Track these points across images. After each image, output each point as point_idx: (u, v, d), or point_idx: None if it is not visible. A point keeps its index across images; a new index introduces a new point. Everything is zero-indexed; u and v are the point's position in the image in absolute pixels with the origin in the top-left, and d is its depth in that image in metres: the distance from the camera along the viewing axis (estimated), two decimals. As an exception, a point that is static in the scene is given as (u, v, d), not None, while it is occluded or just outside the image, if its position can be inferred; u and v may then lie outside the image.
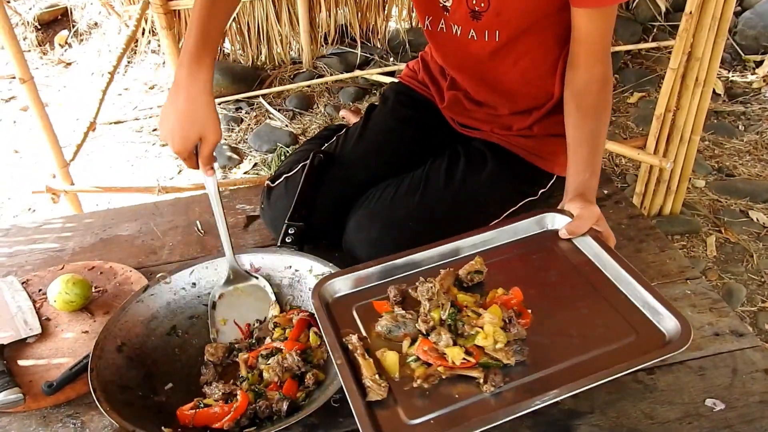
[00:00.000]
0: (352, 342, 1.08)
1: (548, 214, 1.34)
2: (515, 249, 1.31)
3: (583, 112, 1.37)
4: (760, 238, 2.58)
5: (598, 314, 1.13)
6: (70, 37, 4.38)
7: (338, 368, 1.03)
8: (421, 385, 1.03)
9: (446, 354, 1.05)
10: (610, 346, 1.07)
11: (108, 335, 1.22)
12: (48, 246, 1.64)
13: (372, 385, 1.01)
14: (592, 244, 1.26)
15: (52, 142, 2.30)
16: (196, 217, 1.71)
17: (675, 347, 1.04)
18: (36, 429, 1.17)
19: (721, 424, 1.09)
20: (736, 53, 3.99)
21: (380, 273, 1.25)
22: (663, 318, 1.10)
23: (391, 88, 1.75)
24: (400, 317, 1.12)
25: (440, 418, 0.99)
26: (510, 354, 1.04)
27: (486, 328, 1.06)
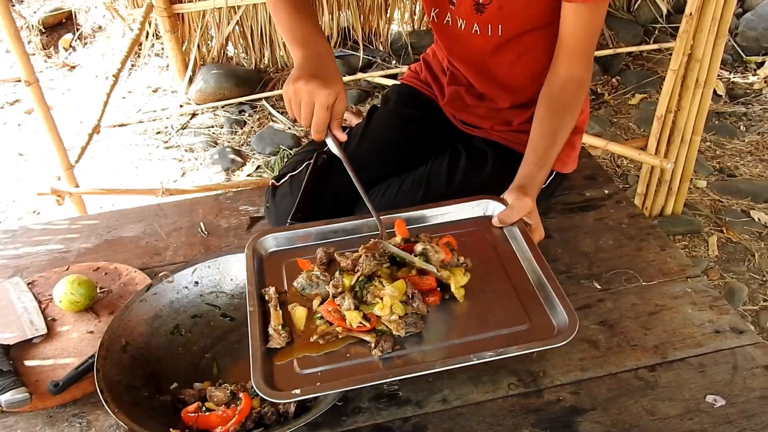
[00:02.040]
0: (268, 293, 1.18)
1: (488, 201, 1.39)
2: (449, 229, 1.35)
3: (554, 110, 1.40)
4: (762, 237, 2.59)
5: (501, 300, 1.19)
6: (74, 41, 4.41)
7: (249, 315, 1.13)
8: (317, 341, 1.11)
9: (346, 316, 1.12)
10: (501, 330, 1.14)
11: (112, 335, 1.23)
12: (53, 247, 1.65)
13: (273, 333, 1.10)
14: (517, 235, 1.31)
15: (57, 145, 2.32)
16: (200, 219, 1.72)
17: (556, 340, 1.09)
18: (42, 428, 1.18)
19: (722, 420, 1.09)
20: (738, 54, 4.00)
21: (317, 234, 1.33)
22: (557, 312, 1.14)
23: (392, 89, 1.77)
24: (315, 277, 1.20)
25: (327, 372, 1.07)
26: (401, 326, 1.11)
27: (385, 299, 1.12)
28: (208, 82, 3.72)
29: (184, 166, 3.30)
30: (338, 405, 1.17)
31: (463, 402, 1.16)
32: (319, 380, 1.06)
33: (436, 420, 1.13)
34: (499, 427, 1.11)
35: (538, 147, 1.39)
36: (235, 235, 1.65)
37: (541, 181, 1.37)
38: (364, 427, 1.13)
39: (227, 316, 1.35)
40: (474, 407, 1.15)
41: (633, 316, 1.32)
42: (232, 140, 3.47)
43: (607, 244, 1.52)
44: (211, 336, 1.33)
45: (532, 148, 1.40)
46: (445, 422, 1.13)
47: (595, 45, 1.44)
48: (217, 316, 1.35)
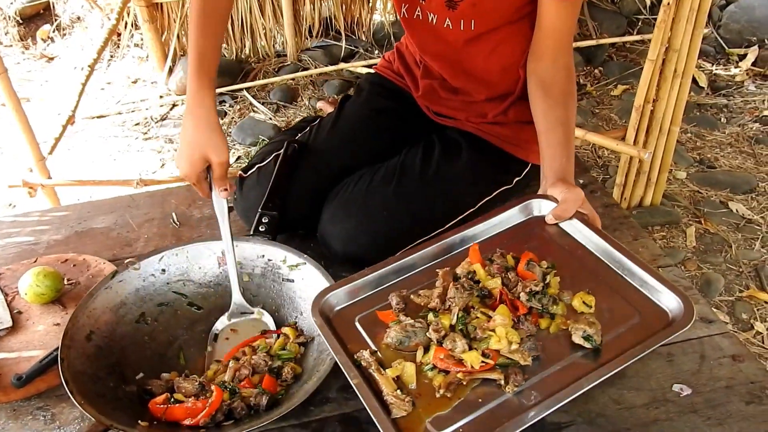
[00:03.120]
0: (364, 358, 1.05)
1: (533, 201, 1.32)
2: (505, 239, 1.28)
3: (553, 100, 1.37)
4: (739, 228, 2.60)
5: (600, 298, 1.12)
6: (52, 32, 4.35)
7: (356, 388, 0.99)
8: (444, 395, 1.00)
9: (463, 359, 1.03)
10: (617, 329, 1.07)
11: (76, 323, 1.21)
12: (22, 239, 1.63)
13: (395, 401, 0.98)
14: (581, 228, 1.24)
15: (27, 136, 2.29)
16: (172, 209, 1.70)
17: (681, 324, 1.03)
18: (6, 422, 1.16)
19: (687, 409, 1.09)
20: (720, 47, 4.01)
21: (376, 280, 1.20)
22: (662, 296, 1.09)
23: (366, 79, 1.75)
24: (410, 326, 1.09)
25: (468, 425, 0.97)
26: (526, 354, 1.03)
27: (498, 330, 1.04)
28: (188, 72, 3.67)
29: (164, 157, 3.27)
30: (305, 396, 1.16)
31: (431, 392, 1.15)
32: None
33: (403, 411, 1.12)
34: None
35: (555, 138, 1.35)
36: (208, 226, 1.64)
37: (573, 170, 1.33)
38: (331, 417, 1.12)
39: (194, 305, 1.35)
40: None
41: (603, 306, 1.31)
42: (213, 131, 3.44)
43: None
44: (178, 325, 1.32)
45: (549, 142, 1.35)
46: (412, 413, 1.12)
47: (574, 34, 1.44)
48: (184, 305, 1.34)
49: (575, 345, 1.05)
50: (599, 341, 1.04)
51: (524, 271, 1.16)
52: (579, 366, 1.03)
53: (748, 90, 3.65)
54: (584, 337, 1.04)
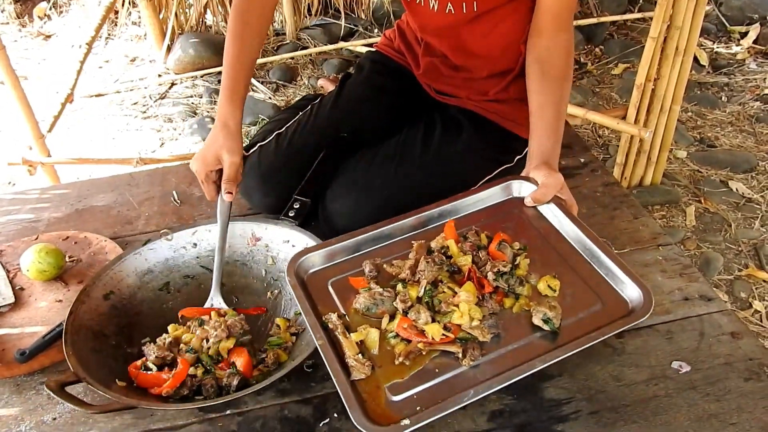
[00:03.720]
0: (332, 321, 1.09)
1: (514, 182, 1.35)
2: (483, 217, 1.32)
3: (549, 79, 1.38)
4: (739, 207, 2.61)
5: (566, 283, 1.15)
6: (49, 9, 4.32)
7: (320, 348, 1.04)
8: (402, 362, 1.04)
9: (425, 331, 1.06)
10: (577, 315, 1.10)
11: (98, 282, 1.24)
12: (23, 217, 1.63)
13: (355, 364, 1.02)
14: (557, 212, 1.27)
15: (27, 114, 2.28)
16: (173, 188, 1.70)
17: (639, 315, 1.07)
18: (9, 396, 1.17)
19: (686, 386, 1.10)
20: (722, 24, 3.98)
21: (353, 246, 1.25)
22: (626, 286, 1.13)
23: (366, 57, 1.74)
24: (378, 294, 1.13)
25: (422, 393, 1.01)
26: (486, 331, 1.07)
27: (461, 306, 1.08)
28: (187, 51, 3.66)
29: (163, 136, 3.26)
30: (307, 372, 1.17)
31: (432, 369, 1.16)
32: (417, 403, 0.99)
33: (404, 387, 1.13)
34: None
35: (545, 119, 1.36)
36: (208, 204, 1.63)
37: (558, 153, 1.35)
38: (332, 393, 1.13)
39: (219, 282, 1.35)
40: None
41: (603, 284, 1.32)
42: (212, 110, 3.43)
43: (581, 212, 1.51)
44: (198, 298, 1.33)
45: (539, 121, 1.37)
46: (413, 389, 1.13)
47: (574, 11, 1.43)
48: (209, 280, 1.34)
49: (535, 326, 1.09)
50: (557, 325, 1.08)
51: (495, 251, 1.19)
52: (536, 347, 1.06)
53: (749, 68, 3.63)
54: (543, 320, 1.08)
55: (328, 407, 1.11)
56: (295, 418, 1.10)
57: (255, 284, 1.35)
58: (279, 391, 1.14)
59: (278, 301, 1.31)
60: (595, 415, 1.07)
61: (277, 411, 1.11)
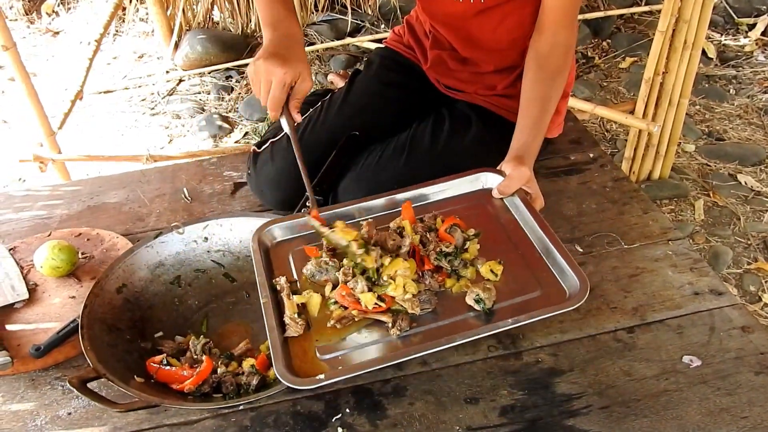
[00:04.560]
0: (279, 283, 1.17)
1: (483, 173, 1.39)
2: (450, 205, 1.36)
3: (543, 74, 1.40)
4: (748, 201, 2.60)
5: (511, 270, 1.20)
6: (57, 6, 4.33)
7: (263, 306, 1.12)
8: (334, 326, 1.12)
9: (360, 299, 1.13)
10: (514, 299, 1.15)
11: (111, 275, 1.26)
12: (35, 213, 1.64)
13: (290, 322, 1.10)
14: (519, 205, 1.32)
15: (37, 110, 2.29)
16: (183, 185, 1.71)
17: (570, 303, 1.10)
18: (25, 391, 1.19)
19: (697, 380, 1.11)
20: (729, 16, 3.96)
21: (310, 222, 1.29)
22: (567, 276, 1.16)
23: (376, 53, 1.75)
24: (324, 263, 1.19)
25: (347, 355, 1.08)
26: (416, 304, 1.12)
27: (398, 279, 1.14)
28: (194, 47, 3.66)
29: (171, 132, 3.27)
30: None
31: (443, 364, 1.17)
32: (340, 364, 1.06)
33: (416, 382, 1.14)
34: (478, 388, 1.12)
35: (530, 114, 1.39)
36: (219, 201, 1.64)
37: (537, 149, 1.38)
38: (344, 389, 1.14)
39: (230, 277, 1.37)
40: (453, 369, 1.16)
41: (613, 279, 1.33)
42: (220, 106, 3.44)
43: (590, 207, 1.52)
44: (209, 293, 1.35)
45: (524, 115, 1.39)
46: (424, 384, 1.14)
47: (579, 9, 1.43)
48: (220, 275, 1.37)
49: (470, 307, 1.14)
50: (489, 306, 1.12)
51: (444, 234, 1.24)
52: (467, 325, 1.11)
53: (758, 60, 3.61)
54: (476, 300, 1.13)
55: (341, 403, 1.12)
56: (307, 414, 1.11)
57: (266, 280, 1.36)
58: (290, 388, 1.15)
59: (290, 297, 1.32)
60: (606, 410, 1.07)
61: (289, 406, 1.12)
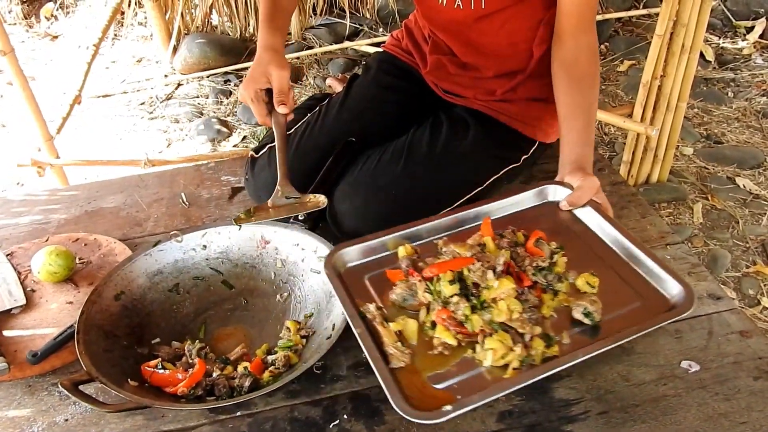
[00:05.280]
0: (370, 311, 1.09)
1: (549, 186, 1.35)
2: (517, 220, 1.31)
3: (576, 82, 1.38)
4: (746, 204, 2.60)
5: (604, 282, 1.15)
6: (55, 10, 4.33)
7: (359, 336, 1.04)
8: (441, 352, 1.05)
9: (465, 322, 1.06)
10: (618, 311, 1.10)
11: (109, 282, 1.26)
12: (33, 218, 1.64)
13: (395, 352, 1.02)
14: (593, 215, 1.27)
15: (36, 115, 2.29)
16: (181, 189, 1.71)
17: (682, 310, 1.06)
18: (22, 397, 1.18)
19: (695, 385, 1.10)
20: (727, 19, 3.97)
21: (390, 242, 1.25)
22: (666, 284, 1.12)
23: (374, 57, 1.75)
24: (414, 286, 1.13)
25: (463, 382, 1.01)
26: (527, 324, 1.05)
27: (500, 303, 1.07)
28: (193, 51, 3.67)
29: (170, 137, 3.27)
30: (317, 373, 1.17)
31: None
32: (458, 392, 0.99)
33: (413, 387, 1.14)
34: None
35: (575, 126, 1.36)
36: (217, 206, 1.64)
37: (592, 158, 1.35)
38: (342, 395, 1.13)
39: (228, 284, 1.37)
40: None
41: (611, 283, 1.32)
42: (218, 110, 3.44)
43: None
44: (207, 300, 1.35)
45: (570, 128, 1.37)
46: (422, 389, 1.13)
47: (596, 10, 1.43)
48: (218, 282, 1.37)
49: (575, 321, 1.09)
50: (598, 319, 1.08)
51: (533, 248, 1.19)
52: (576, 341, 1.06)
53: (756, 63, 3.62)
54: (584, 314, 1.08)
55: (338, 409, 1.11)
56: (304, 420, 1.10)
57: (264, 287, 1.36)
58: (289, 392, 1.15)
59: (287, 303, 1.32)
60: (605, 416, 1.07)
61: (287, 412, 1.12)
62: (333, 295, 1.22)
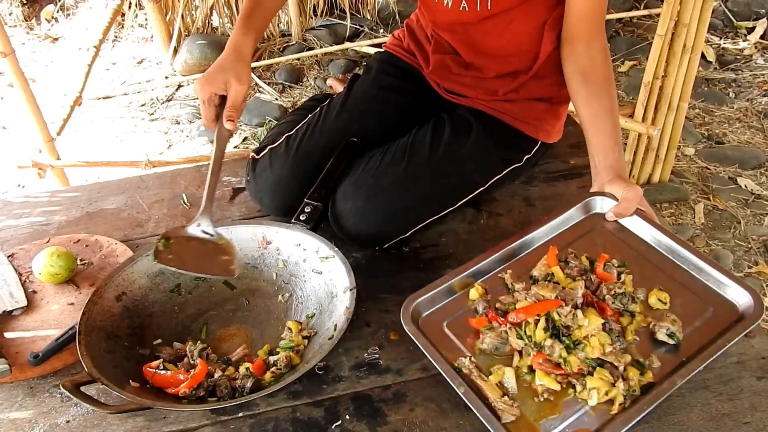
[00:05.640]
0: (465, 366, 1.08)
1: (595, 198, 1.32)
2: (568, 239, 1.29)
3: (593, 87, 1.37)
4: (748, 204, 2.60)
5: (671, 294, 1.14)
6: (56, 12, 4.33)
7: (464, 396, 1.02)
8: (547, 399, 1.03)
9: (563, 363, 1.05)
10: (694, 323, 1.10)
11: (110, 283, 1.25)
12: (34, 220, 1.64)
13: (504, 406, 1.01)
14: (642, 224, 1.26)
15: (36, 116, 2.29)
16: (182, 190, 1.70)
17: (754, 317, 1.06)
18: (23, 399, 1.18)
19: (699, 385, 1.10)
20: (728, 20, 3.97)
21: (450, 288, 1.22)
22: (730, 289, 1.11)
23: (375, 57, 1.74)
24: (504, 333, 1.11)
25: (577, 422, 1.00)
26: (620, 355, 1.05)
27: (592, 341, 1.05)
28: (193, 52, 3.67)
29: (170, 138, 3.27)
30: (318, 374, 1.17)
31: (443, 370, 1.16)
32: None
33: (416, 388, 1.14)
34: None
35: (603, 131, 1.35)
36: (218, 207, 1.64)
37: (624, 163, 1.34)
38: (344, 396, 1.13)
39: (229, 285, 1.36)
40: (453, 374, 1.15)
41: (614, 283, 1.32)
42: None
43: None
44: (208, 300, 1.34)
45: (598, 134, 1.36)
46: (424, 390, 1.13)
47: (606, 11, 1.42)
48: (220, 283, 1.36)
49: (657, 341, 1.08)
50: (681, 338, 1.07)
51: (603, 273, 1.18)
52: (666, 361, 1.06)
53: (757, 63, 3.62)
54: (668, 335, 1.07)
55: (340, 409, 1.11)
56: (306, 421, 1.10)
57: (266, 287, 1.36)
58: (291, 393, 1.15)
59: (289, 304, 1.32)
60: (608, 415, 1.06)
61: (288, 413, 1.11)
62: (335, 296, 1.23)
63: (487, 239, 1.46)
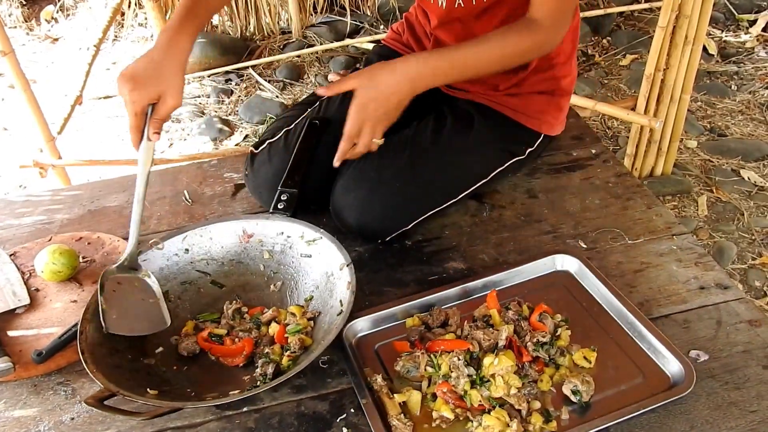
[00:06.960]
0: (377, 382, 1.11)
1: (557, 256, 1.34)
2: (526, 289, 1.30)
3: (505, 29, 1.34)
4: (751, 196, 2.59)
5: (607, 356, 1.15)
6: (56, 12, 4.33)
7: (365, 407, 1.07)
8: (440, 425, 1.06)
9: (464, 397, 1.07)
10: (620, 386, 1.10)
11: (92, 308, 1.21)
12: (36, 219, 1.64)
13: (398, 424, 1.04)
14: (599, 285, 1.26)
15: (37, 116, 2.29)
16: (184, 187, 1.70)
17: (680, 390, 1.06)
18: (27, 397, 1.18)
19: (705, 375, 1.10)
20: (730, 13, 3.96)
21: (400, 312, 1.26)
22: (667, 361, 1.11)
23: (374, 51, 1.74)
24: (418, 358, 1.14)
25: None
26: (522, 400, 1.06)
27: (498, 379, 1.08)
28: (193, 51, 3.65)
29: (171, 136, 3.27)
30: (323, 367, 1.17)
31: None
32: None
33: (420, 381, 1.14)
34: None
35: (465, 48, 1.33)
36: (220, 203, 1.64)
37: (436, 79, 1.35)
38: (348, 389, 1.13)
39: (217, 284, 1.35)
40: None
41: (618, 275, 1.32)
42: (219, 110, 3.43)
43: (594, 203, 1.52)
44: (200, 303, 1.33)
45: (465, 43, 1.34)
46: (429, 382, 1.13)
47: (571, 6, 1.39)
48: (207, 283, 1.35)
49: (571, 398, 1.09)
50: (587, 399, 1.07)
51: (536, 322, 1.19)
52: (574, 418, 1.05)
53: (759, 56, 3.61)
54: (573, 391, 1.08)
55: (345, 403, 1.11)
56: (311, 414, 1.10)
57: (255, 280, 1.35)
58: (295, 387, 1.14)
59: (283, 292, 1.32)
60: (614, 406, 1.06)
61: (293, 407, 1.11)
62: (331, 274, 1.25)
63: (490, 231, 1.46)
